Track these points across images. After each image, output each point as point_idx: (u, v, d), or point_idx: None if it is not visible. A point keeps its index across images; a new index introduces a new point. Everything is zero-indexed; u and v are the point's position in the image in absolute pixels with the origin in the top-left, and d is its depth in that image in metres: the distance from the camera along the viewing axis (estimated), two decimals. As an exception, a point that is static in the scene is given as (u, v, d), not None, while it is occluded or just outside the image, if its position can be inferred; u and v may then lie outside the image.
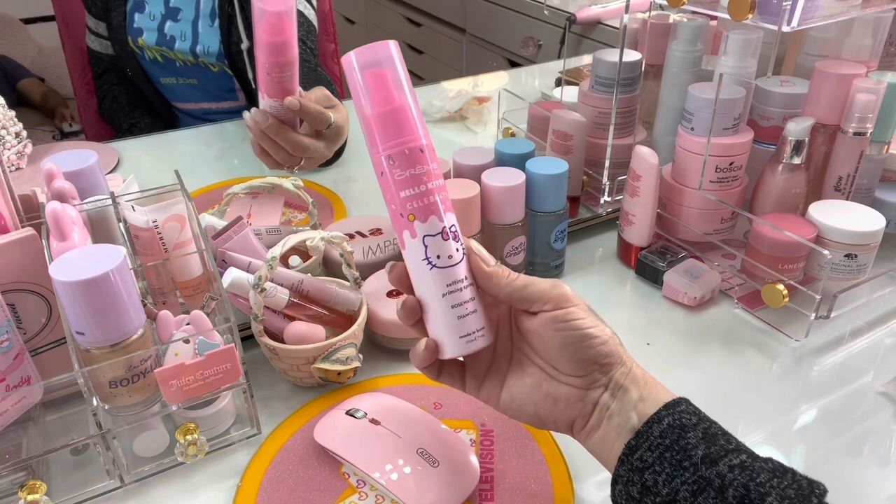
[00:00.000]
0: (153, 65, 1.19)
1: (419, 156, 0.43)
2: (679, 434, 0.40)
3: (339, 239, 0.62)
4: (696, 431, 0.40)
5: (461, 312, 0.44)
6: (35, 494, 0.48)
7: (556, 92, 1.04)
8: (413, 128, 0.43)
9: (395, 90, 0.42)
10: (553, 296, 0.44)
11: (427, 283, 0.44)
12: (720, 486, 0.38)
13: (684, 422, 0.41)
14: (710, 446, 0.40)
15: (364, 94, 0.42)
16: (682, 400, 0.43)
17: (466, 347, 0.44)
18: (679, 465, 0.39)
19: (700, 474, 0.39)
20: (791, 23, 0.60)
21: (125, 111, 1.25)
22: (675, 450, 0.40)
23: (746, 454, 0.40)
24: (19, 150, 0.94)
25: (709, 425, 0.41)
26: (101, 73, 1.26)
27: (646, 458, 0.40)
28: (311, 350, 0.59)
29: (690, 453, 0.39)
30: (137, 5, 1.16)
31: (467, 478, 0.52)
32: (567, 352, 0.43)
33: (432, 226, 0.43)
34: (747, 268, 0.73)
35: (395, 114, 0.42)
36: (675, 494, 0.39)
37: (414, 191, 0.42)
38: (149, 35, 1.15)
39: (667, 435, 0.40)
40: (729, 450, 0.40)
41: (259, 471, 0.55)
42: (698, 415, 0.42)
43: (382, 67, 0.42)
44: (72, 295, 0.46)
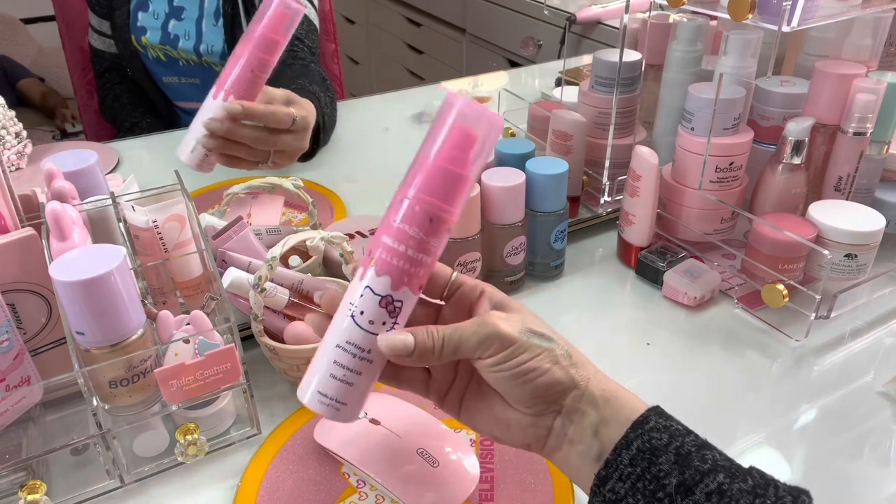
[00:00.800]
0: (156, 64, 1.19)
1: (426, 222, 0.39)
2: (650, 460, 0.38)
3: (339, 239, 0.62)
4: (668, 455, 0.38)
5: (337, 373, 0.40)
6: (35, 494, 0.48)
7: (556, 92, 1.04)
8: (448, 198, 0.39)
9: (471, 161, 0.39)
10: (487, 345, 0.40)
11: (337, 325, 0.41)
12: None
13: (654, 444, 0.38)
14: (685, 470, 0.37)
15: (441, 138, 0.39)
16: (650, 414, 0.40)
17: (316, 405, 0.40)
18: (653, 497, 0.37)
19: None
20: (791, 23, 0.60)
21: (127, 110, 1.25)
22: (647, 479, 0.37)
23: (724, 473, 0.37)
24: (19, 150, 0.94)
25: (681, 442, 0.38)
26: (104, 71, 1.26)
27: (618, 490, 0.38)
28: (311, 350, 0.59)
29: (664, 482, 0.37)
30: (141, 4, 1.16)
31: (467, 478, 0.52)
32: (507, 389, 0.41)
33: (381, 284, 0.39)
34: (747, 268, 0.73)
35: (449, 176, 0.39)
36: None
37: (394, 244, 0.39)
38: (152, 34, 1.15)
39: (637, 462, 0.38)
40: (704, 472, 0.37)
41: (259, 471, 0.55)
42: (669, 430, 0.39)
43: (477, 133, 0.39)
44: (72, 295, 0.46)
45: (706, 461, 0.37)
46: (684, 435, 0.39)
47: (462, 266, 0.69)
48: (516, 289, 0.75)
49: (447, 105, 0.39)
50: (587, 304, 0.75)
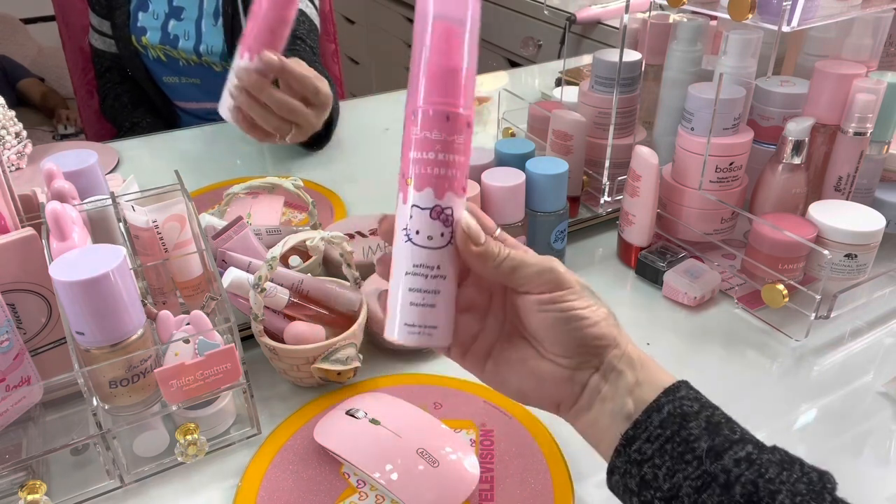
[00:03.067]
0: (156, 64, 1.19)
1: (443, 122, 0.38)
2: (680, 424, 0.38)
3: (339, 239, 0.62)
4: (699, 420, 0.38)
5: (416, 299, 0.40)
6: (35, 494, 0.48)
7: (556, 92, 1.04)
8: (453, 93, 0.38)
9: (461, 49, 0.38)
10: (543, 280, 0.41)
11: (398, 254, 0.40)
12: (726, 481, 0.36)
13: (685, 410, 0.38)
14: (714, 437, 0.37)
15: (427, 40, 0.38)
16: (682, 384, 0.40)
17: (407, 338, 0.40)
18: (681, 459, 0.37)
19: (704, 468, 0.36)
20: (791, 23, 0.60)
21: (127, 109, 1.25)
22: (676, 441, 0.37)
23: (753, 444, 0.37)
24: (19, 150, 0.94)
25: (711, 412, 0.39)
26: (104, 71, 1.26)
27: (644, 451, 0.38)
28: (311, 350, 0.59)
29: (693, 445, 0.37)
30: (141, 4, 1.16)
31: (467, 478, 0.52)
32: (554, 333, 0.41)
33: (425, 198, 0.39)
34: (747, 268, 0.73)
35: (444, 73, 0.38)
36: (678, 490, 0.37)
37: (422, 154, 0.38)
38: (152, 34, 1.16)
39: (667, 425, 0.38)
40: (734, 440, 0.37)
41: (259, 471, 0.55)
42: (700, 401, 0.39)
43: (454, 23, 0.38)
44: (72, 295, 0.46)
45: (735, 432, 0.38)
46: (714, 408, 0.39)
47: (462, 266, 0.69)
48: (516, 289, 0.75)
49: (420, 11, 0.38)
50: (587, 304, 0.75)
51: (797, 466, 0.37)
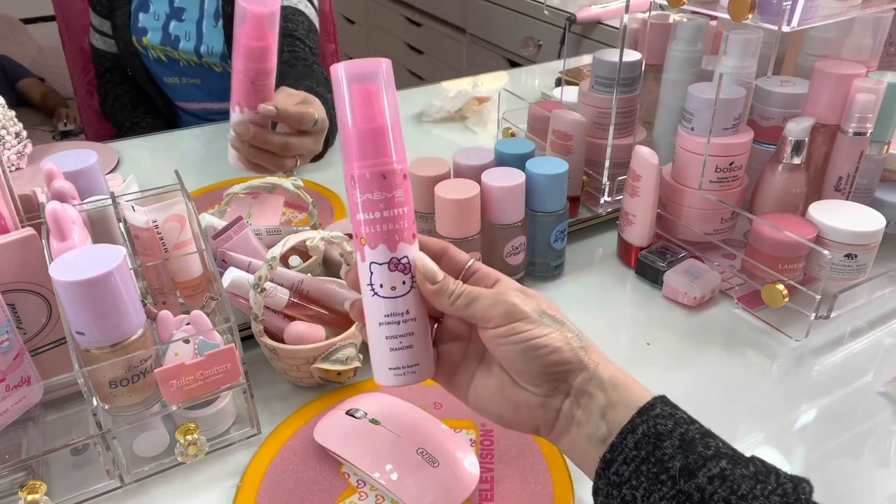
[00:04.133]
0: (157, 64, 1.19)
1: (381, 181, 0.41)
2: (655, 444, 0.38)
3: (339, 239, 0.62)
4: (673, 439, 0.38)
5: (394, 345, 0.43)
6: (35, 494, 0.48)
7: (556, 92, 1.04)
8: (382, 151, 0.41)
9: (379, 110, 0.41)
10: (497, 313, 0.41)
11: (368, 308, 0.43)
12: (700, 499, 0.36)
13: (659, 429, 0.39)
14: (688, 455, 0.37)
15: (347, 107, 0.41)
16: (656, 402, 0.40)
17: (394, 380, 0.43)
18: (657, 479, 0.37)
19: (678, 488, 0.37)
20: (791, 23, 0.60)
21: (127, 109, 1.25)
22: (651, 462, 0.38)
23: (727, 459, 0.37)
24: (19, 150, 0.94)
25: (686, 429, 0.39)
26: (105, 71, 1.26)
27: (622, 472, 0.39)
28: (311, 350, 0.59)
29: (667, 465, 0.37)
30: (142, 5, 1.16)
31: (467, 478, 0.52)
32: (516, 363, 0.42)
33: (380, 254, 0.42)
34: (747, 268, 0.73)
35: (370, 133, 0.40)
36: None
37: (369, 215, 0.41)
38: (153, 35, 1.16)
39: (642, 446, 0.38)
40: (707, 457, 0.37)
41: (259, 471, 0.55)
42: (674, 417, 0.39)
43: (368, 84, 0.40)
44: (72, 295, 0.46)
45: (709, 447, 0.38)
46: (689, 423, 0.39)
47: (462, 266, 0.69)
48: (516, 289, 0.75)
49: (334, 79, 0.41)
50: (587, 304, 0.75)
51: (772, 477, 0.37)
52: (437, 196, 0.67)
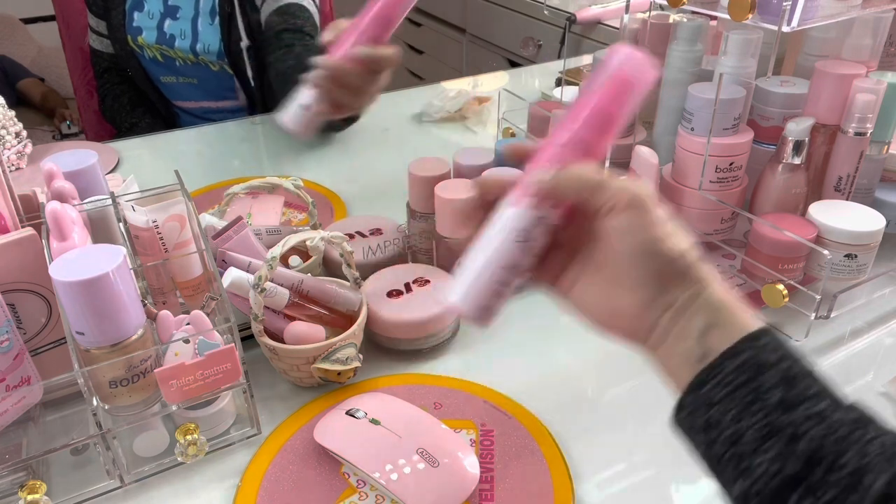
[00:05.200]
0: (153, 63, 1.19)
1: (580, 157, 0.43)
2: (755, 372, 0.37)
3: (339, 239, 0.62)
4: (775, 371, 0.37)
5: (498, 289, 0.44)
6: (35, 494, 0.48)
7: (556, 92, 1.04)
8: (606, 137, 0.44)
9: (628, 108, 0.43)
10: (622, 201, 0.41)
11: (494, 246, 0.44)
12: (792, 435, 0.35)
13: (762, 359, 0.37)
14: (789, 390, 0.36)
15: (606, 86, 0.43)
16: (764, 331, 0.38)
17: (475, 314, 0.44)
18: (748, 407, 0.36)
19: (770, 420, 0.35)
20: (791, 23, 0.60)
21: (126, 110, 1.25)
22: (747, 389, 0.36)
23: (829, 401, 0.36)
24: (19, 150, 0.94)
25: (790, 364, 0.37)
26: (103, 71, 1.26)
27: (714, 394, 0.37)
28: (311, 350, 0.59)
29: (763, 396, 0.36)
30: (136, 4, 1.16)
31: (467, 478, 0.52)
32: (632, 259, 0.41)
33: (540, 211, 0.44)
34: (747, 268, 0.73)
35: (609, 122, 0.43)
36: (741, 436, 0.36)
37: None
38: (148, 34, 1.15)
39: (742, 372, 0.37)
40: (808, 396, 0.36)
41: (259, 471, 0.55)
42: (780, 351, 0.37)
43: (637, 86, 0.43)
44: (72, 295, 0.46)
45: (812, 387, 0.36)
46: (794, 359, 0.37)
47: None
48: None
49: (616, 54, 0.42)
50: (587, 304, 0.75)
51: (871, 427, 0.35)
52: (437, 196, 0.67)
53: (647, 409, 0.61)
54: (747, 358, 0.37)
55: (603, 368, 0.66)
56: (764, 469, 0.35)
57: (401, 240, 0.75)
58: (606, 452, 0.56)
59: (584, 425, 0.59)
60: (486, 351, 0.68)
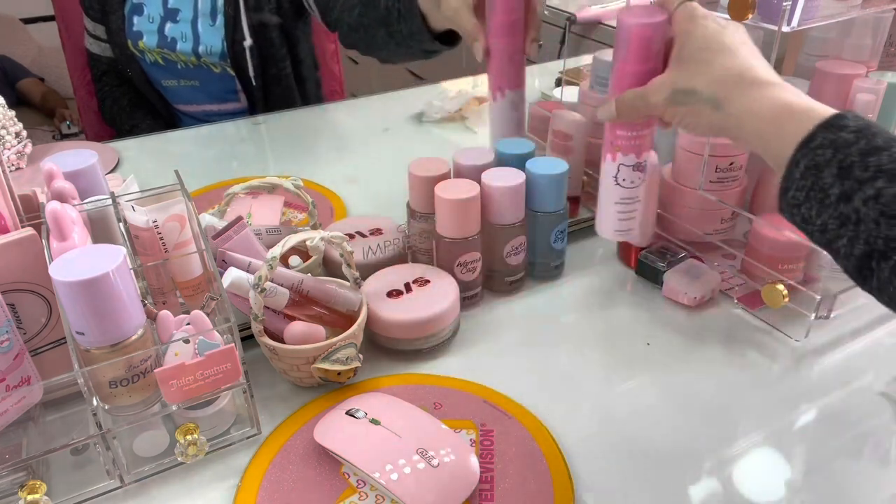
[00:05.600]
0: (154, 67, 1.19)
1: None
2: (816, 175, 0.43)
3: (339, 239, 0.62)
4: (831, 168, 0.42)
5: (622, 216, 0.66)
6: (35, 494, 0.48)
7: (556, 92, 1.04)
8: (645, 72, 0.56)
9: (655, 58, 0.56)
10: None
11: (609, 191, 0.65)
12: (857, 219, 0.41)
13: (818, 161, 0.43)
14: (845, 181, 0.42)
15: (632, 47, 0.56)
16: (817, 132, 0.44)
17: (616, 236, 0.68)
18: (822, 203, 0.43)
19: (840, 210, 0.42)
20: (791, 23, 0.60)
21: (126, 112, 1.25)
22: (816, 189, 0.43)
23: (885, 178, 0.41)
24: (19, 150, 0.94)
25: (844, 155, 0.42)
26: (101, 75, 1.26)
27: (797, 197, 0.45)
28: (311, 350, 0.59)
29: (828, 192, 0.42)
30: (136, 8, 1.15)
31: (467, 478, 0.52)
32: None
33: (629, 159, 0.63)
34: (747, 268, 0.73)
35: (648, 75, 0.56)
36: (826, 226, 0.43)
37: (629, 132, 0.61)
38: (149, 38, 1.15)
39: (806, 177, 0.44)
40: (864, 180, 0.41)
41: (259, 471, 0.55)
42: (834, 145, 0.43)
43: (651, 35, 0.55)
44: (72, 295, 0.46)
45: (868, 168, 0.41)
46: (849, 146, 0.42)
47: (462, 266, 0.69)
48: (516, 289, 0.75)
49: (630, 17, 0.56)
50: (587, 304, 0.75)
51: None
52: (437, 196, 0.67)
53: (647, 409, 0.61)
54: (807, 164, 0.44)
55: (603, 368, 0.66)
56: (846, 250, 0.43)
57: (401, 240, 0.75)
58: (606, 452, 0.56)
59: (584, 425, 0.59)
60: (486, 351, 0.68)
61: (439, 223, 0.69)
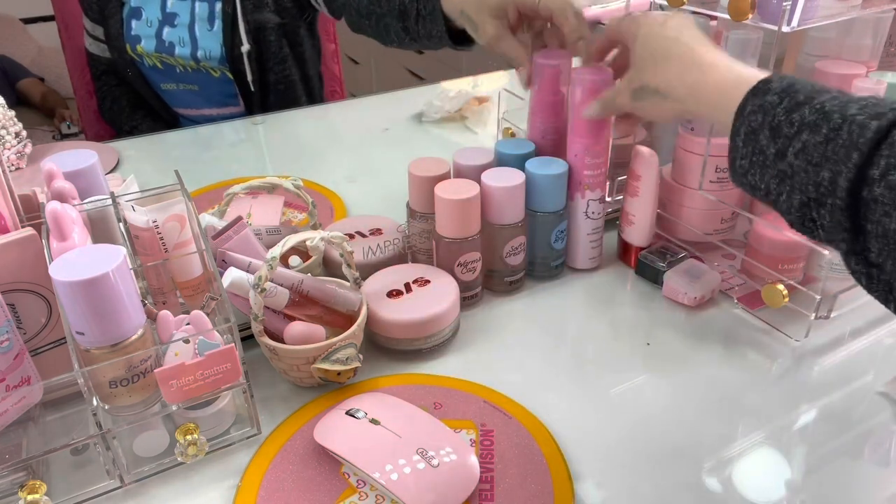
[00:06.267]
0: (153, 71, 1.19)
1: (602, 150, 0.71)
2: (754, 139, 0.47)
3: (339, 239, 0.62)
4: (764, 131, 0.46)
5: (594, 245, 0.76)
6: (35, 494, 0.48)
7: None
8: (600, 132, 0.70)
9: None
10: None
11: (581, 226, 0.75)
12: (791, 173, 0.45)
13: (753, 126, 0.47)
14: (777, 140, 0.46)
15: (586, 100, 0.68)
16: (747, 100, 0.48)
17: (590, 264, 0.78)
18: (763, 166, 0.47)
19: (778, 168, 0.46)
20: (791, 23, 0.60)
21: (126, 113, 1.25)
22: (756, 153, 0.47)
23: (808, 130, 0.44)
24: (19, 150, 0.94)
25: (773, 118, 0.46)
26: (101, 74, 1.26)
27: (743, 166, 0.49)
28: (311, 350, 0.59)
29: (766, 153, 0.47)
30: (134, 12, 1.15)
31: (467, 478, 0.52)
32: None
33: (596, 193, 0.73)
34: (747, 268, 0.73)
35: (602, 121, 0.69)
36: (769, 188, 0.47)
37: (592, 172, 0.71)
38: (147, 42, 1.15)
39: (747, 143, 0.48)
40: (791, 136, 0.45)
41: (259, 471, 0.55)
42: (763, 109, 0.47)
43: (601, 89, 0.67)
44: (72, 295, 0.46)
45: (793, 125, 0.45)
46: (776, 106, 0.46)
47: (462, 266, 0.69)
48: (516, 289, 0.76)
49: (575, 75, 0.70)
50: (587, 303, 0.75)
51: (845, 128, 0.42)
52: (437, 196, 0.67)
53: (647, 409, 0.61)
54: (746, 130, 0.48)
55: (603, 368, 0.66)
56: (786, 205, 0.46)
57: (401, 240, 0.75)
58: (606, 452, 0.56)
59: (584, 425, 0.59)
60: (486, 351, 0.68)
61: (439, 223, 0.69)
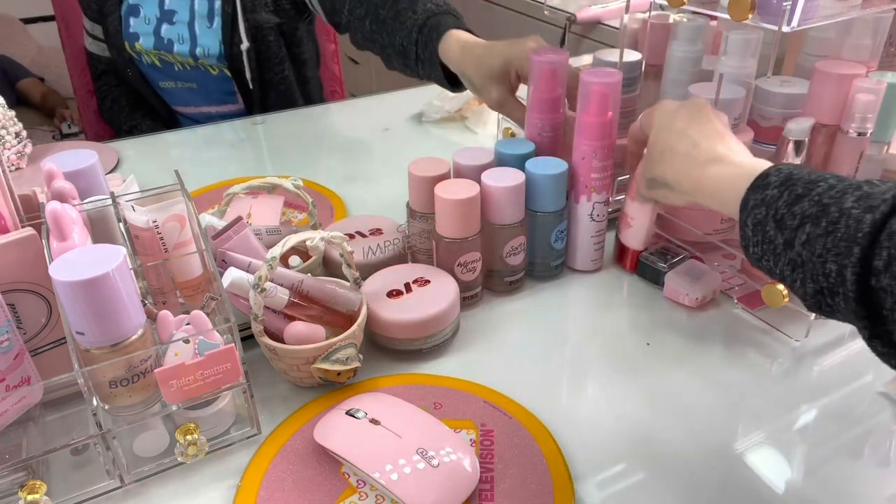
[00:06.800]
0: (151, 69, 1.19)
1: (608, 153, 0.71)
2: (763, 231, 0.49)
3: (339, 239, 0.62)
4: (770, 222, 0.49)
5: (597, 247, 0.77)
6: (35, 494, 0.48)
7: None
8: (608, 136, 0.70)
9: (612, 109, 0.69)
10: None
11: (585, 229, 0.75)
12: (801, 262, 0.46)
13: (759, 219, 0.49)
14: (784, 231, 0.48)
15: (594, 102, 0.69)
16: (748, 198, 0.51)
17: (592, 266, 0.78)
18: (774, 253, 0.49)
19: (789, 257, 0.47)
20: (791, 23, 0.60)
21: (125, 113, 1.25)
22: (766, 243, 0.49)
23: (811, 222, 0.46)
24: (19, 150, 0.94)
25: (776, 210, 0.48)
26: (100, 74, 1.26)
27: (756, 252, 0.51)
28: (311, 350, 0.59)
29: (775, 243, 0.48)
30: (132, 9, 1.15)
31: (467, 478, 0.52)
32: None
33: (601, 196, 0.73)
34: (747, 268, 0.73)
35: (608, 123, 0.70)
36: (783, 274, 0.49)
37: (599, 175, 0.72)
38: (145, 39, 1.15)
39: (756, 233, 0.50)
40: (794, 227, 0.47)
41: (259, 471, 0.55)
42: (765, 203, 0.49)
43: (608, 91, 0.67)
44: (72, 295, 0.46)
45: (795, 217, 0.47)
46: (777, 200, 0.49)
47: (462, 266, 0.69)
48: (516, 289, 0.75)
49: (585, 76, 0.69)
50: (587, 304, 0.75)
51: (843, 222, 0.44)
52: (437, 196, 0.67)
53: (647, 409, 0.61)
54: (752, 223, 0.50)
55: (604, 368, 0.66)
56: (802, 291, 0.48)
57: (401, 240, 0.75)
58: (606, 452, 0.56)
59: (585, 425, 0.59)
60: (486, 351, 0.68)
61: (439, 223, 0.69)
